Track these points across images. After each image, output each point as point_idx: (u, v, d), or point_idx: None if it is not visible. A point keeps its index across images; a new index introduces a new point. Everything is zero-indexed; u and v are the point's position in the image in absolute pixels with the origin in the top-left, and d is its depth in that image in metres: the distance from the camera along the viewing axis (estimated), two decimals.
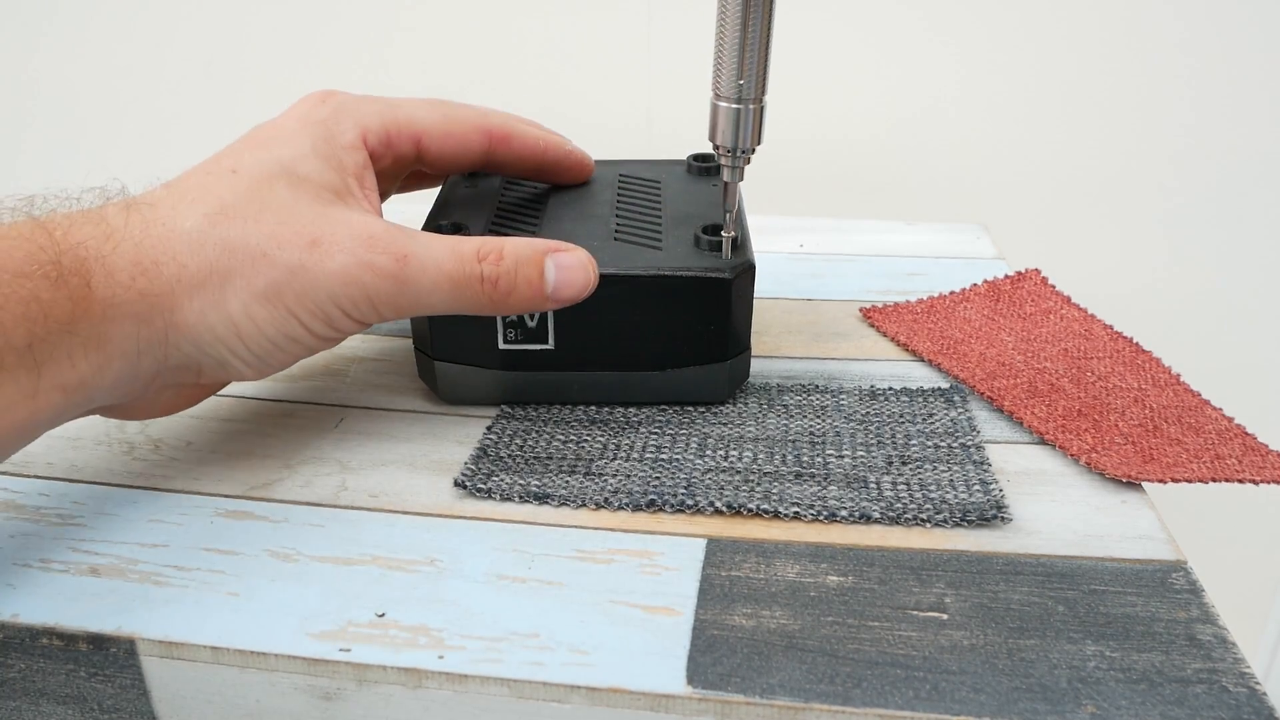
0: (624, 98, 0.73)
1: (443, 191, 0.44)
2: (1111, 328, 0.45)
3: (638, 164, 0.47)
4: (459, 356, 0.38)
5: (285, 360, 0.32)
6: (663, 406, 0.39)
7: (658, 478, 0.34)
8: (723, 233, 0.37)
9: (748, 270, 0.37)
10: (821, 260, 0.55)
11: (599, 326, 0.37)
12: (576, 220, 0.40)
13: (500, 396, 0.39)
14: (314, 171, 0.33)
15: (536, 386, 0.38)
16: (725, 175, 0.36)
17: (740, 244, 0.37)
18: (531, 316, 0.37)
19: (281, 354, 0.32)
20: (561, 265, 0.34)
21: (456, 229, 0.38)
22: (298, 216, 0.31)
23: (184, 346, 0.30)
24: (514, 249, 0.33)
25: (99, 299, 0.28)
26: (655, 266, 0.36)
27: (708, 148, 0.38)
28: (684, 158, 0.47)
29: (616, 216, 0.40)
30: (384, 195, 0.40)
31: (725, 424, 0.37)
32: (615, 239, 0.38)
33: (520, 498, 0.33)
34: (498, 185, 0.44)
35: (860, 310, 0.48)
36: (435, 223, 0.39)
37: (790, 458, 0.35)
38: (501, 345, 0.37)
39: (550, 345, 0.37)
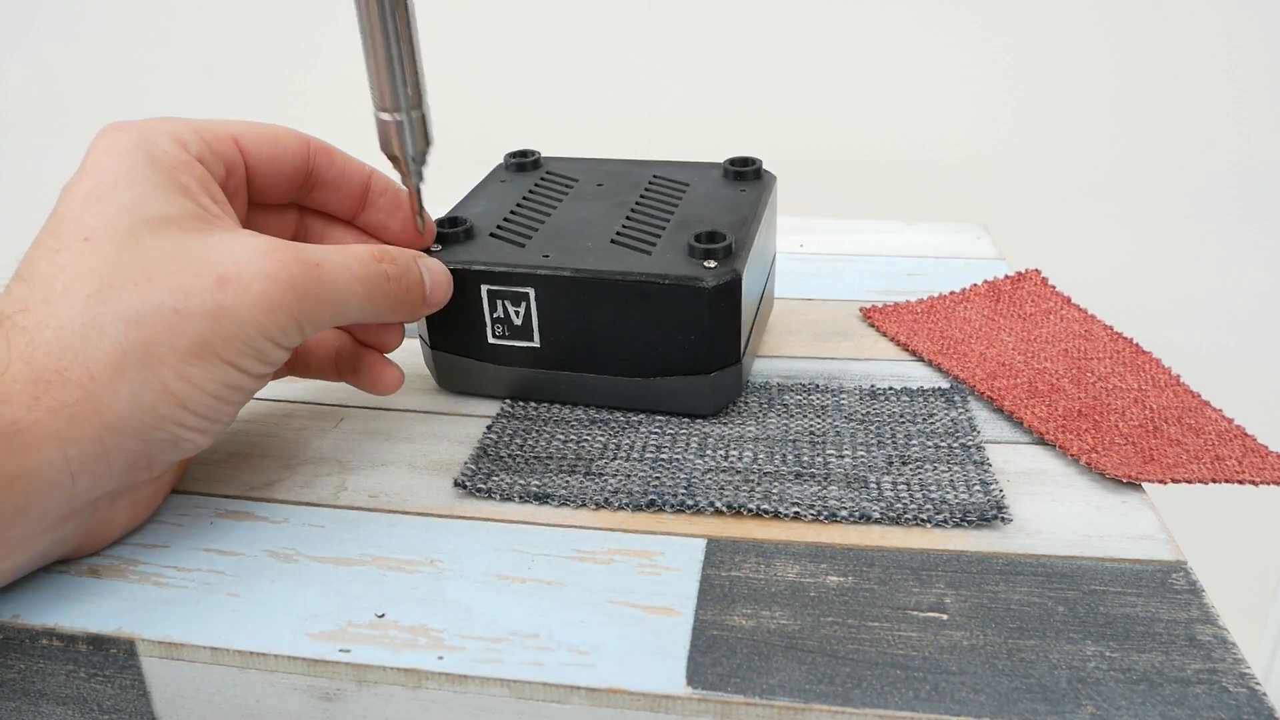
0: (624, 98, 0.73)
1: (482, 181, 0.45)
2: (1111, 328, 0.45)
3: (675, 165, 0.46)
4: (454, 348, 0.39)
5: (231, 413, 0.30)
6: None
7: (658, 478, 0.34)
8: (450, 228, 0.37)
9: (731, 281, 0.35)
10: (821, 260, 0.55)
11: (582, 328, 0.37)
12: (582, 220, 0.40)
13: (494, 389, 0.39)
14: (165, 207, 0.29)
15: (527, 383, 0.39)
16: (405, 182, 0.36)
17: (734, 252, 0.36)
18: (517, 313, 0.37)
19: (227, 407, 0.30)
20: (430, 269, 0.35)
21: (453, 223, 0.39)
22: (186, 260, 0.28)
23: (127, 444, 0.27)
24: (397, 251, 0.34)
25: (2, 430, 0.25)
26: (632, 271, 0.35)
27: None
28: (722, 161, 0.45)
29: (626, 219, 0.40)
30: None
31: (725, 424, 0.37)
32: (612, 241, 0.38)
33: (520, 498, 0.33)
34: (533, 179, 0.44)
35: (860, 310, 0.48)
36: (452, 214, 0.40)
37: (790, 457, 0.35)
38: (490, 340, 0.38)
39: (536, 344, 0.37)
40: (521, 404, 0.39)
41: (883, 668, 0.26)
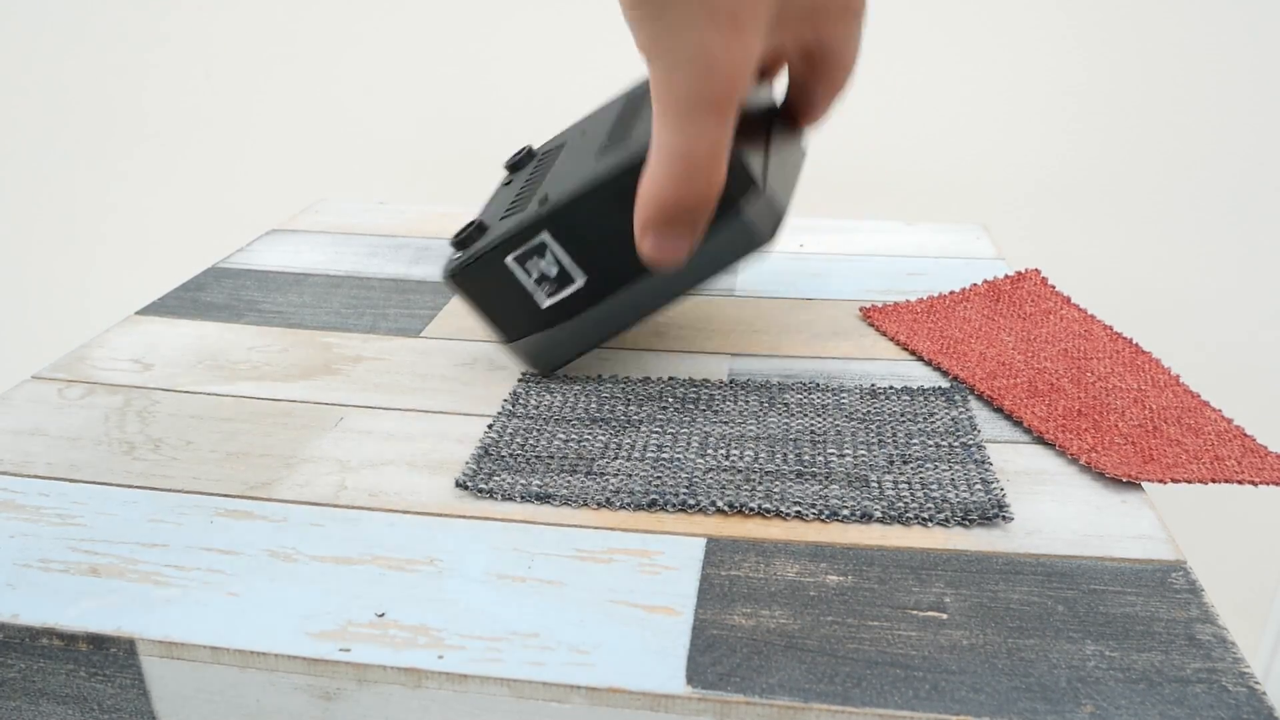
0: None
1: (491, 194, 0.46)
2: (1111, 328, 0.45)
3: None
4: (523, 331, 0.40)
5: None
6: (663, 405, 0.39)
7: (659, 477, 0.34)
8: None
9: None
10: (821, 260, 0.55)
11: (612, 240, 0.37)
12: (572, 162, 0.40)
13: (582, 345, 0.40)
14: None
15: (602, 322, 0.39)
16: None
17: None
18: (549, 264, 0.38)
19: None
20: None
21: (465, 229, 0.40)
22: None
23: None
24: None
25: None
26: (620, 162, 0.35)
27: None
28: None
29: (607, 135, 0.40)
30: None
31: (726, 423, 0.37)
32: (600, 155, 0.38)
33: (522, 498, 0.33)
34: (530, 168, 0.45)
35: (860, 310, 0.48)
36: (467, 227, 0.40)
37: (791, 457, 0.35)
38: (545, 303, 0.38)
39: (582, 282, 0.38)
40: (522, 403, 0.39)
41: (882, 667, 0.26)
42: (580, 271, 0.38)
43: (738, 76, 0.31)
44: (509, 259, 0.38)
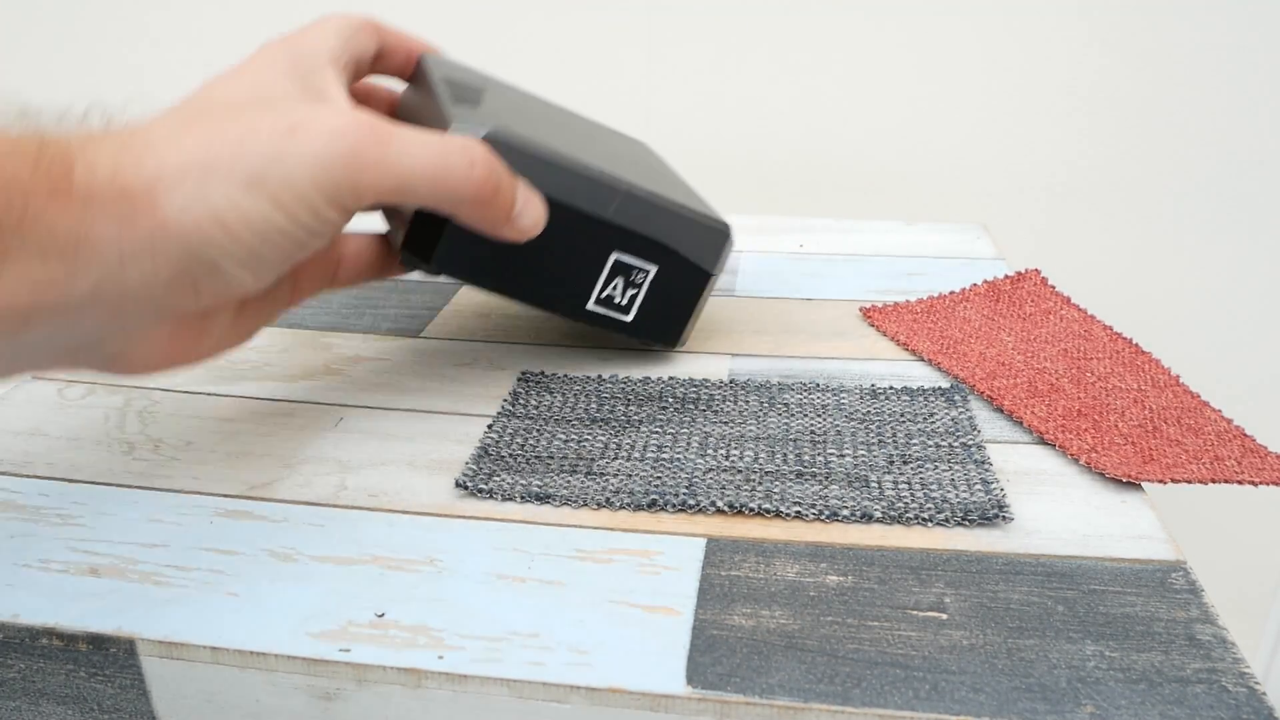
0: (624, 97, 0.73)
1: None
2: (1111, 328, 0.45)
3: None
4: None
5: (278, 258, 0.31)
6: (663, 405, 0.39)
7: (659, 477, 0.34)
8: None
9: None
10: (821, 260, 0.55)
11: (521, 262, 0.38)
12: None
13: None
14: (287, 90, 0.33)
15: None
16: None
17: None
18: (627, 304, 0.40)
19: (272, 249, 0.30)
20: (528, 196, 0.35)
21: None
22: (272, 112, 0.31)
23: (172, 251, 0.29)
24: (496, 159, 0.33)
25: (79, 193, 0.27)
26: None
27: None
28: None
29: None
30: None
31: (726, 423, 0.37)
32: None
33: (522, 498, 0.33)
34: None
35: (860, 310, 0.48)
36: None
37: (791, 457, 0.35)
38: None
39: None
40: (522, 403, 0.39)
41: (882, 667, 0.26)
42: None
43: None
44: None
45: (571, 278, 0.40)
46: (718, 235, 0.41)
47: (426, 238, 0.37)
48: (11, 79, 0.81)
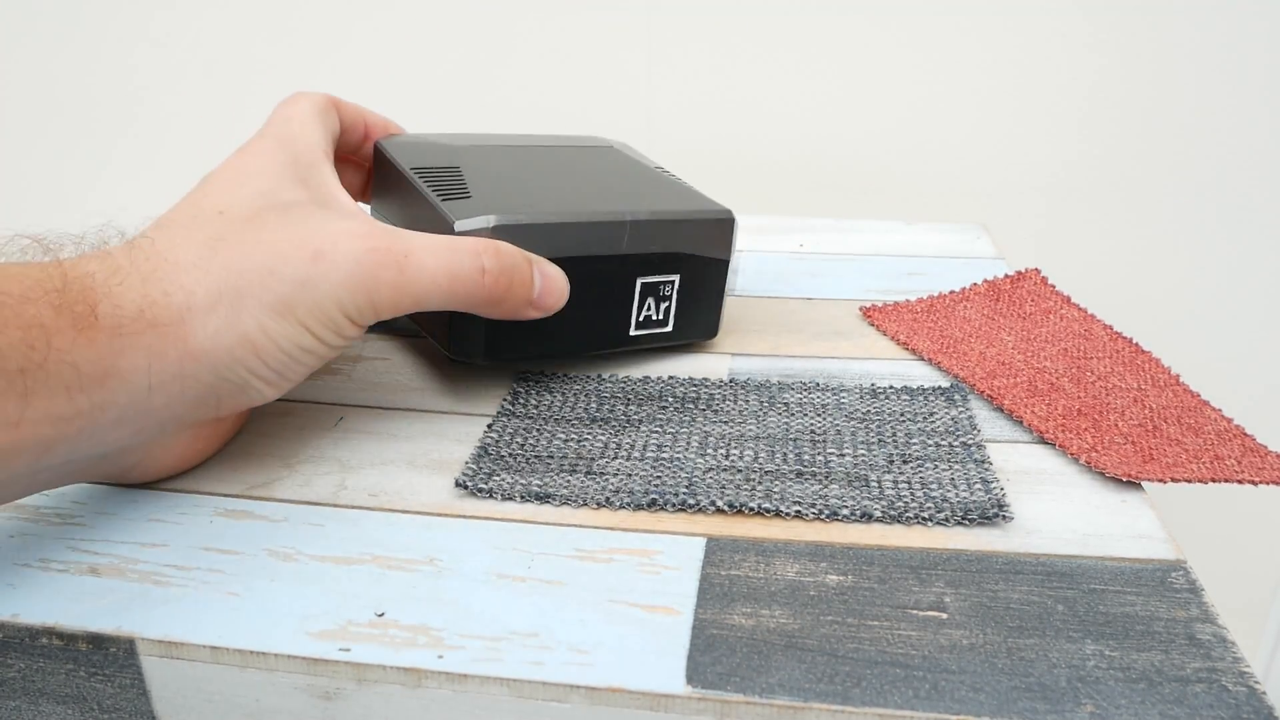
0: (624, 98, 0.73)
1: None
2: (1111, 328, 0.45)
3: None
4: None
5: (301, 372, 0.33)
6: (663, 404, 0.39)
7: (659, 477, 0.34)
8: None
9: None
10: (821, 260, 0.55)
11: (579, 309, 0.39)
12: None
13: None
14: (292, 194, 0.34)
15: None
16: None
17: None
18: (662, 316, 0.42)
19: (298, 366, 0.32)
20: (546, 274, 0.36)
21: None
22: (293, 233, 0.32)
23: (202, 376, 0.30)
24: (508, 249, 0.35)
25: (105, 329, 0.28)
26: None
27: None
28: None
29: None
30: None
31: (726, 422, 0.37)
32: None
33: (521, 497, 0.33)
34: None
35: (860, 309, 0.48)
36: None
37: (791, 456, 0.35)
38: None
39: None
40: (522, 403, 0.39)
41: (882, 666, 0.26)
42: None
43: None
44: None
45: (609, 316, 0.41)
46: (724, 225, 0.42)
47: (469, 335, 0.38)
48: (11, 79, 0.81)
